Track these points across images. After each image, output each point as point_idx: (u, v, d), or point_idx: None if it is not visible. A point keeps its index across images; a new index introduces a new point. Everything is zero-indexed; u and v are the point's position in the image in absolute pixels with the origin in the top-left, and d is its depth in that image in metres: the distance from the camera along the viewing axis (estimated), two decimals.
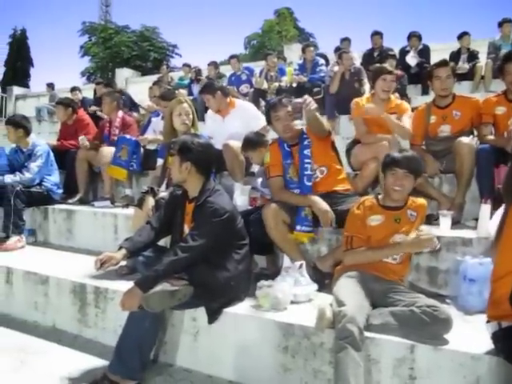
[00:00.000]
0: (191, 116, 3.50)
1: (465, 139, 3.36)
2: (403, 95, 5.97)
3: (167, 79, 8.85)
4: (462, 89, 7.07)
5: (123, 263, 3.01)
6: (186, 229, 2.65)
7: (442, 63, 3.66)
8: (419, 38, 7.21)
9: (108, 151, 4.60)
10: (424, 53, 7.12)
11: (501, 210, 2.75)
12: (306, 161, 3.03)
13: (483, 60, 7.06)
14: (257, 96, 7.31)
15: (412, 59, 6.91)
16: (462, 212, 3.40)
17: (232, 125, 4.17)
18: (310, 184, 3.02)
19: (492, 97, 3.63)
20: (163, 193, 3.28)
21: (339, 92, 6.28)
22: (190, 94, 8.07)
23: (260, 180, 3.43)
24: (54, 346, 2.89)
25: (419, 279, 2.88)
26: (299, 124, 2.87)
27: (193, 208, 2.58)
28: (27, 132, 4.42)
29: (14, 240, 4.03)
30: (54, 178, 4.54)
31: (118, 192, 4.85)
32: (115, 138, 4.79)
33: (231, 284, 2.53)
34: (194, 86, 8.11)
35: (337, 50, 7.25)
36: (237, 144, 3.97)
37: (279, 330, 2.35)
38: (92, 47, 22.58)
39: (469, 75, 7.04)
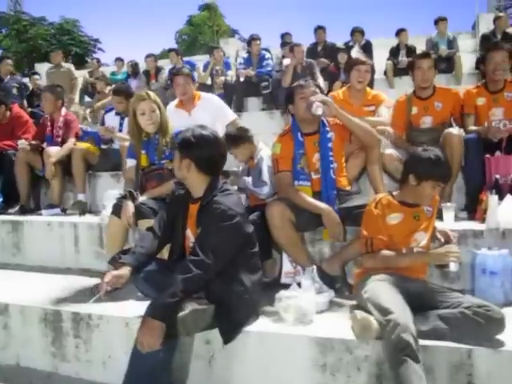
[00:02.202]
0: (158, 112, 3.04)
1: (454, 130, 3.33)
2: None
3: (98, 74, 8.11)
4: (404, 83, 7.26)
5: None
6: (190, 233, 2.29)
7: (425, 55, 3.65)
8: (362, 33, 7.27)
9: (55, 151, 4.01)
10: (367, 48, 7.18)
11: (509, 201, 2.77)
12: (330, 153, 2.83)
13: None
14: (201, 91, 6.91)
15: (357, 54, 6.90)
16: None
17: (200, 120, 3.79)
18: (335, 177, 2.81)
19: (472, 88, 3.65)
20: (142, 197, 2.85)
21: (291, 86, 6.09)
22: None
23: (249, 179, 3.11)
24: None
25: (431, 274, 2.75)
26: (315, 111, 2.73)
27: (197, 209, 2.22)
28: None
29: None
30: None
31: (66, 198, 4.26)
32: (59, 140, 4.23)
33: (245, 297, 2.20)
34: (132, 80, 7.51)
35: (283, 44, 7.08)
36: None
37: (315, 345, 2.09)
38: (4, 40, 20.32)
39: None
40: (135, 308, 2.43)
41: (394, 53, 7.33)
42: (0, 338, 2.66)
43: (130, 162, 3.12)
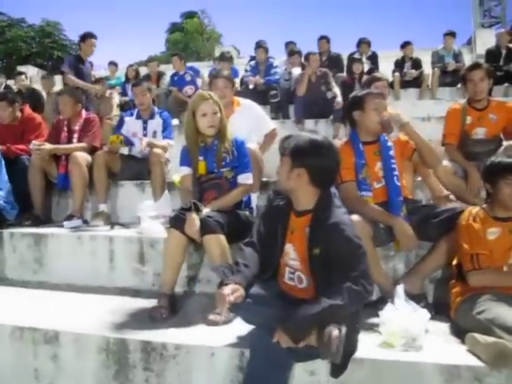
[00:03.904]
0: (219, 115, 2.80)
1: None
2: None
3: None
4: (409, 95, 7.28)
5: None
6: (290, 248, 2.04)
7: (475, 66, 3.57)
8: (369, 44, 7.23)
9: (83, 157, 3.64)
10: (373, 59, 7.16)
11: None
12: (392, 161, 2.68)
13: (426, 68, 7.34)
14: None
15: (364, 65, 6.86)
16: None
17: (238, 127, 3.52)
18: (399, 184, 2.65)
19: None
20: (206, 209, 2.57)
21: (304, 95, 5.94)
22: (125, 94, 7.10)
23: None
24: None
25: None
26: (393, 136, 2.66)
27: (306, 224, 1.97)
28: None
29: None
30: (7, 193, 3.45)
31: (84, 208, 3.86)
32: None
33: (357, 326, 1.97)
34: (129, 85, 7.14)
35: (291, 53, 6.90)
36: (257, 147, 3.39)
37: (439, 373, 1.87)
38: None
39: (414, 83, 7.25)
40: (219, 336, 2.16)
41: (400, 65, 7.33)
42: (47, 371, 2.28)
43: (185, 170, 2.82)
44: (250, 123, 3.56)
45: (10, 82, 8.04)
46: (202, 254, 2.86)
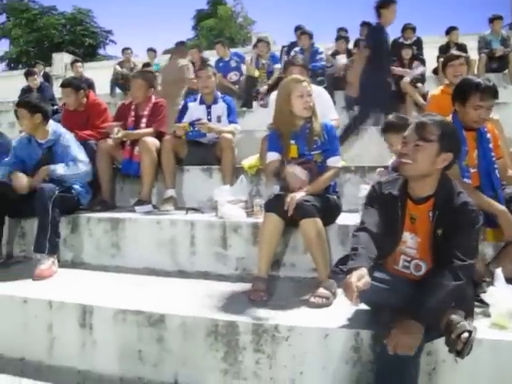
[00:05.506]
0: (313, 97, 2.80)
1: None
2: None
3: (130, 65, 7.67)
4: None
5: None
6: (408, 236, 2.00)
7: None
8: (413, 29, 7.08)
9: (153, 143, 3.63)
10: (418, 45, 7.02)
11: None
12: (492, 154, 2.62)
13: (471, 54, 7.16)
14: (250, 84, 6.63)
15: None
16: None
17: None
18: (499, 176, 2.59)
19: None
20: (300, 193, 2.54)
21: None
22: None
23: None
24: None
25: None
26: None
27: (429, 209, 1.94)
28: (46, 118, 3.28)
29: (48, 263, 2.94)
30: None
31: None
32: None
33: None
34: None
35: (338, 39, 6.83)
36: None
37: None
38: (13, 28, 19.43)
39: None
40: (330, 317, 2.15)
41: (445, 51, 7.16)
42: (151, 354, 2.29)
43: (273, 156, 2.79)
44: (319, 109, 3.52)
45: (48, 69, 8.05)
46: (286, 239, 2.86)
